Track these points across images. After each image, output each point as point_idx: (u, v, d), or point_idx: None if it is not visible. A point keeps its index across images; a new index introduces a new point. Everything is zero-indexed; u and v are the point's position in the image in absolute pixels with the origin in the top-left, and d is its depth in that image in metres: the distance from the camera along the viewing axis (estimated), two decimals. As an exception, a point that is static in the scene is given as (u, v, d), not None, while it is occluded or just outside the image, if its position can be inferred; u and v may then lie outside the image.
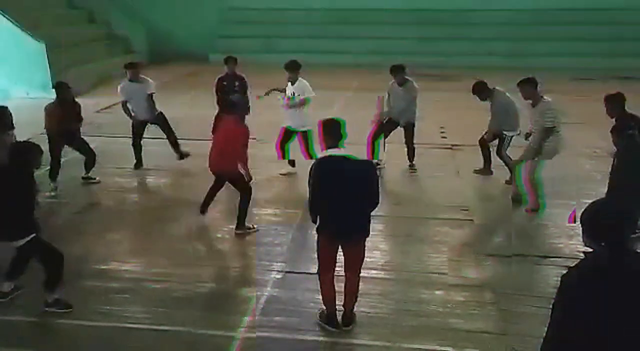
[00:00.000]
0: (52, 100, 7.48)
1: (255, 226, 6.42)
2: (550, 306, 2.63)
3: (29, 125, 6.90)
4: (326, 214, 4.39)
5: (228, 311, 4.91)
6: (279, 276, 5.46)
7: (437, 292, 5.20)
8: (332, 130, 4.35)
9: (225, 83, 8.65)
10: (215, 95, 8.85)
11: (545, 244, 6.15)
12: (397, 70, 8.07)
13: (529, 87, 6.70)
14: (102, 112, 11.83)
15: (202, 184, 6.58)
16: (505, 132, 7.57)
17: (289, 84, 7.79)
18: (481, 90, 7.62)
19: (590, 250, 2.59)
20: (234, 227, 6.41)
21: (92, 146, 8.00)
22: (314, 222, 4.49)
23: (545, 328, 2.65)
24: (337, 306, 4.60)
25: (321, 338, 4.48)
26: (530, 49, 17.32)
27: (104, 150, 8.78)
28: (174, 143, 8.49)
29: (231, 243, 6.22)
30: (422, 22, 18.46)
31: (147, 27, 18.52)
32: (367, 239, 4.57)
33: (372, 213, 4.48)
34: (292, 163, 8.13)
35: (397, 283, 5.32)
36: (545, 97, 6.70)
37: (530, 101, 6.71)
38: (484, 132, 7.86)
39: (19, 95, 12.72)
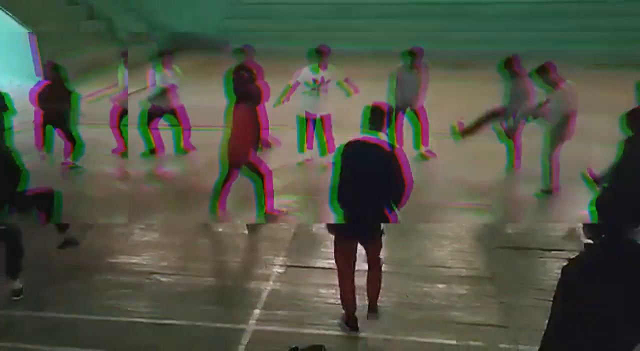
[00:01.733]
0: (42, 83, 7.42)
1: (285, 209, 6.18)
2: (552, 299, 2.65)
3: (15, 114, 6.89)
4: (343, 202, 4.20)
5: (233, 305, 4.95)
6: (281, 270, 5.49)
7: (439, 285, 5.22)
8: (374, 115, 4.20)
9: (237, 74, 8.55)
10: (228, 86, 8.81)
11: (549, 237, 6.15)
12: (417, 54, 7.87)
13: (550, 72, 6.65)
14: (90, 100, 11.57)
15: (213, 175, 6.46)
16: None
17: (320, 69, 7.45)
18: (512, 65, 7.54)
19: (591, 241, 2.60)
20: (239, 220, 6.41)
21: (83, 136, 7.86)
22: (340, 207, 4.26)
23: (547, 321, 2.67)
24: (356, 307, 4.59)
25: (324, 332, 4.50)
26: (544, 37, 17.23)
27: (93, 139, 8.60)
28: (181, 136, 8.52)
29: (234, 237, 6.25)
30: (434, 13, 18.50)
31: (149, 15, 18.35)
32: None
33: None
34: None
35: (399, 276, 5.32)
36: (565, 82, 6.63)
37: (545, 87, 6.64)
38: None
39: (3, 83, 12.40)
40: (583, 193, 5.98)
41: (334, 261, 4.62)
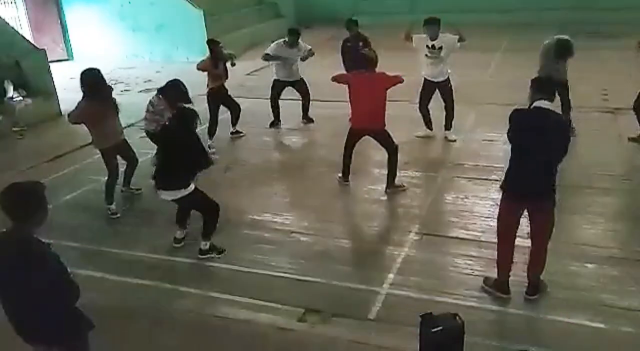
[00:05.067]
0: (205, 58, 8.04)
1: (404, 185, 6.46)
2: None
3: (189, 88, 7.53)
4: (516, 169, 4.21)
5: (367, 267, 5.04)
6: (416, 238, 5.46)
7: (589, 265, 4.85)
8: (543, 86, 4.25)
9: (349, 44, 8.79)
10: (342, 57, 9.00)
11: None
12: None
13: None
14: (251, 74, 12.46)
15: (340, 144, 6.65)
16: None
17: (428, 38, 7.48)
18: None
19: None
20: (373, 187, 6.51)
21: (242, 106, 8.53)
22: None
23: None
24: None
25: (458, 302, 4.42)
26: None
27: (252, 111, 9.25)
28: (305, 108, 8.92)
29: (371, 203, 6.30)
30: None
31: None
32: None
33: None
34: (429, 125, 7.97)
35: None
36: None
37: None
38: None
39: (180, 59, 13.85)
40: None
41: (475, 229, 4.50)
